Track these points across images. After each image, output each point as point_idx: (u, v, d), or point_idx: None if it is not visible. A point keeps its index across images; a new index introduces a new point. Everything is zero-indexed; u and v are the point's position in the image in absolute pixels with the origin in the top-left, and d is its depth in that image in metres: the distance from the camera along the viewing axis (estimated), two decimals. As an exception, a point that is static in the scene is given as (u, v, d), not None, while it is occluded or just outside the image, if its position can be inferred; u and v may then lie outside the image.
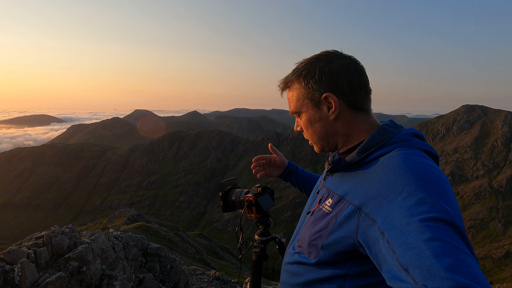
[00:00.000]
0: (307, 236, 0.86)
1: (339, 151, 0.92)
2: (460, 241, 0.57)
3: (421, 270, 0.53)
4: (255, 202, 1.12)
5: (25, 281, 3.27)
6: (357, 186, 0.79)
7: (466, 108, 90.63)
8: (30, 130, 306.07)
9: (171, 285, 6.17)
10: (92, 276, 3.91)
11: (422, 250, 0.55)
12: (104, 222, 23.25)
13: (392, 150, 0.79)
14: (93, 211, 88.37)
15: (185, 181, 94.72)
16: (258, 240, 1.15)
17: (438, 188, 0.65)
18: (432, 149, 0.83)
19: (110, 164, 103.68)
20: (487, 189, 66.64)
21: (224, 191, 1.23)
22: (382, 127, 0.86)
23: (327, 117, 0.88)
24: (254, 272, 1.14)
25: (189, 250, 17.76)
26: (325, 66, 0.86)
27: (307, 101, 0.89)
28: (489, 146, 76.58)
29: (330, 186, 0.90)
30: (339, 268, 0.78)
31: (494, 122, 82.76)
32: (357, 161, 0.83)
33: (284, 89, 0.96)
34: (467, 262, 0.53)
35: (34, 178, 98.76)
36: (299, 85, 0.90)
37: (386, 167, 0.74)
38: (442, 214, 0.60)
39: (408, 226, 0.60)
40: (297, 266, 0.89)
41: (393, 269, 0.60)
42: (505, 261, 47.82)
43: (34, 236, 4.05)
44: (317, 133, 0.90)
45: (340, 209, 0.79)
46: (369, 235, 0.68)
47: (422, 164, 0.71)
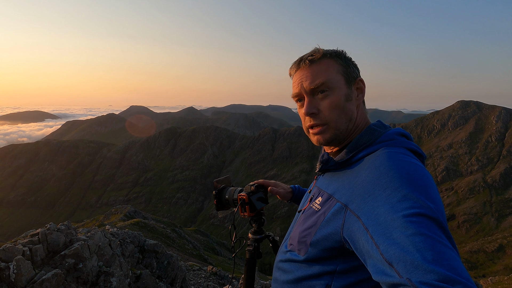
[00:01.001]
0: (297, 233, 0.89)
1: (332, 149, 0.95)
2: (442, 235, 0.59)
3: (405, 264, 0.56)
4: (248, 200, 1.11)
5: (21, 279, 3.25)
6: (345, 184, 0.81)
7: (461, 104, 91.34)
8: (24, 126, 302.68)
9: (168, 281, 6.18)
10: (89, 273, 3.90)
11: (405, 245, 0.57)
12: (101, 219, 23.17)
13: (379, 149, 0.82)
14: (89, 208, 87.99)
15: (182, 177, 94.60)
16: (252, 238, 1.15)
17: (421, 185, 0.67)
18: (418, 148, 0.85)
19: (106, 160, 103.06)
20: (481, 184, 67.53)
21: (217, 190, 1.23)
22: (369, 127, 0.89)
23: (355, 100, 0.91)
24: (247, 270, 1.14)
25: (186, 246, 17.81)
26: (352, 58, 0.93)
27: (343, 78, 0.88)
28: (483, 142, 77.44)
29: (320, 186, 0.93)
30: (327, 265, 0.80)
31: (488, 118, 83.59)
32: (345, 160, 0.86)
33: (314, 62, 0.89)
34: (449, 255, 0.55)
35: (28, 175, 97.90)
36: (336, 62, 0.89)
37: (372, 165, 0.77)
38: (424, 210, 0.62)
39: (393, 222, 0.62)
40: (288, 263, 0.91)
41: (378, 264, 0.61)
42: (498, 255, 48.67)
43: (29, 233, 4.02)
44: (345, 114, 0.88)
45: (328, 207, 0.81)
46: (354, 231, 0.70)
47: (406, 162, 0.74)
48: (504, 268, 43.05)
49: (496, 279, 20.85)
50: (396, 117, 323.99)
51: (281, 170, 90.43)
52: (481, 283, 19.38)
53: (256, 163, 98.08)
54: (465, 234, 60.80)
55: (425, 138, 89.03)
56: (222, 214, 1.25)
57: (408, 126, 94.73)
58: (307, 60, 0.90)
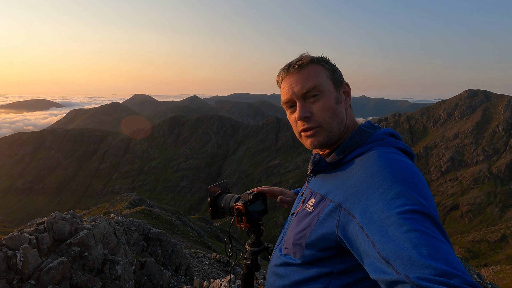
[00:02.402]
0: (291, 236, 0.88)
1: (324, 152, 0.95)
2: (436, 230, 0.61)
3: (402, 260, 0.57)
4: (245, 211, 1.02)
5: (28, 266, 3.31)
6: (337, 184, 0.82)
7: (469, 93, 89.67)
8: (29, 115, 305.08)
9: (173, 269, 6.29)
10: (94, 260, 3.97)
11: (401, 242, 0.58)
12: (107, 207, 23.55)
13: (369, 149, 0.84)
14: (96, 195, 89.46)
15: (186, 166, 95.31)
16: (249, 250, 1.07)
17: (412, 182, 0.69)
18: (407, 147, 0.88)
19: (111, 149, 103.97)
20: (486, 174, 67.05)
21: (213, 197, 1.13)
22: (359, 128, 0.92)
23: (343, 103, 0.93)
24: (244, 285, 1.06)
25: (191, 234, 18.08)
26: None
27: (331, 82, 0.91)
28: (490, 132, 76.36)
29: (313, 187, 0.93)
30: (324, 267, 0.80)
31: (496, 107, 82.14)
32: (336, 161, 0.87)
33: (303, 67, 0.91)
34: (444, 250, 0.57)
35: (35, 163, 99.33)
36: (323, 67, 0.91)
37: (364, 165, 0.78)
38: (418, 206, 0.63)
39: (387, 219, 0.63)
40: (283, 268, 0.89)
41: (375, 262, 0.62)
42: (500, 244, 48.80)
43: (35, 222, 4.07)
44: (337, 116, 0.89)
45: (322, 208, 0.81)
46: (349, 230, 0.71)
47: (397, 161, 0.76)
48: (506, 258, 43.23)
49: (497, 268, 20.96)
50: (401, 107, 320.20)
51: (284, 160, 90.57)
52: (482, 273, 19.52)
53: (260, 152, 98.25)
54: (468, 224, 60.88)
55: (430, 128, 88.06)
56: (218, 222, 1.16)
57: (414, 116, 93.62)
58: (296, 65, 0.91)
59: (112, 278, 4.03)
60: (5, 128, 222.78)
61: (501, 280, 17.95)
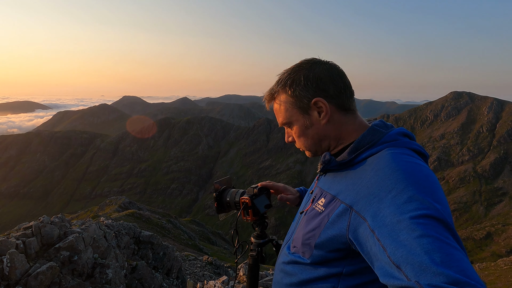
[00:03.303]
0: (300, 235, 0.87)
1: (330, 152, 0.94)
2: (450, 236, 0.59)
3: (413, 266, 0.55)
4: (251, 204, 1.08)
5: (15, 272, 3.23)
6: (348, 185, 0.80)
7: (454, 95, 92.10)
8: (13, 117, 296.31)
9: (165, 272, 6.23)
10: (84, 265, 3.90)
11: (413, 247, 0.56)
12: (95, 210, 23.08)
13: (382, 150, 0.81)
14: (83, 199, 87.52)
15: (177, 168, 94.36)
16: (255, 243, 1.12)
17: (426, 186, 0.67)
18: (421, 148, 0.85)
19: (99, 151, 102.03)
20: (471, 174, 68.89)
21: (218, 192, 1.18)
22: (371, 127, 0.88)
23: (318, 122, 0.89)
24: (250, 276, 1.11)
25: (182, 236, 17.91)
26: (309, 72, 0.89)
27: (296, 110, 0.90)
28: (474, 132, 78.56)
29: (323, 186, 0.92)
30: (333, 267, 0.79)
31: (480, 109, 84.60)
32: (347, 161, 0.85)
33: (270, 101, 0.97)
34: (457, 257, 0.55)
35: (20, 166, 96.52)
36: (285, 94, 0.91)
37: (376, 167, 0.76)
38: (431, 211, 0.61)
39: (399, 224, 0.61)
40: (291, 266, 0.89)
41: (385, 266, 0.60)
42: (486, 242, 50.17)
43: (22, 226, 3.98)
44: (310, 139, 0.92)
45: (332, 208, 0.80)
46: (360, 232, 0.69)
47: (410, 163, 0.73)
48: (491, 255, 44.47)
49: (483, 265, 21.54)
50: (390, 108, 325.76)
51: (275, 161, 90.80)
52: (469, 270, 19.95)
53: (251, 153, 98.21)
54: (454, 223, 61.73)
55: (418, 129, 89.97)
56: (223, 217, 1.22)
57: (402, 117, 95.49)
58: (266, 100, 0.98)
59: (103, 282, 3.97)
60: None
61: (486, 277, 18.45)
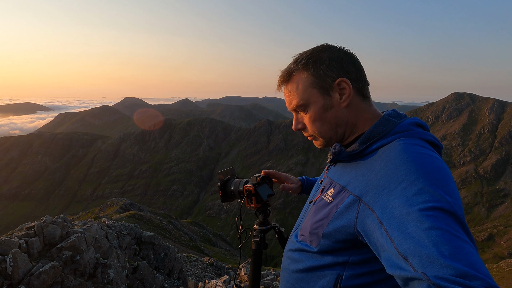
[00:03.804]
0: (308, 225, 0.87)
1: (343, 142, 0.92)
2: (459, 229, 0.58)
3: (420, 258, 0.54)
4: (254, 192, 1.13)
5: (18, 271, 3.25)
6: (358, 176, 0.79)
7: (455, 96, 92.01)
8: (15, 118, 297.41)
9: (166, 272, 6.24)
10: (86, 265, 3.92)
11: (421, 239, 0.56)
12: (96, 211, 23.12)
13: (393, 141, 0.79)
14: (85, 200, 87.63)
15: (178, 169, 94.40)
16: (258, 229, 1.17)
17: (438, 178, 0.66)
18: (435, 138, 0.82)
19: (101, 153, 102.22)
20: (473, 175, 68.71)
21: (222, 181, 1.24)
22: (384, 117, 0.86)
23: (338, 104, 0.86)
24: (254, 261, 1.16)
25: (183, 238, 17.91)
26: (332, 53, 0.87)
27: (316, 90, 0.87)
28: (476, 133, 78.40)
29: (332, 176, 0.91)
30: (340, 256, 0.79)
31: (481, 110, 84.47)
32: (358, 152, 0.84)
33: (285, 82, 0.91)
34: (467, 250, 0.54)
35: (22, 168, 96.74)
36: (307, 73, 0.87)
37: (387, 158, 0.75)
38: (441, 204, 0.60)
39: (408, 216, 0.60)
40: (298, 253, 0.90)
41: (392, 257, 0.60)
42: (488, 244, 49.96)
43: (25, 226, 4.01)
44: (328, 123, 0.88)
45: (341, 199, 0.79)
46: (368, 224, 0.69)
47: (422, 154, 0.71)
48: (493, 257, 44.27)
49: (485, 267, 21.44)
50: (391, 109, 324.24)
51: (276, 162, 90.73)
52: (471, 271, 19.88)
53: (252, 155, 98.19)
54: (456, 224, 62.12)
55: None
56: (227, 205, 1.28)
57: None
58: (279, 84, 0.93)
59: (105, 282, 3.99)
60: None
61: (488, 278, 18.35)
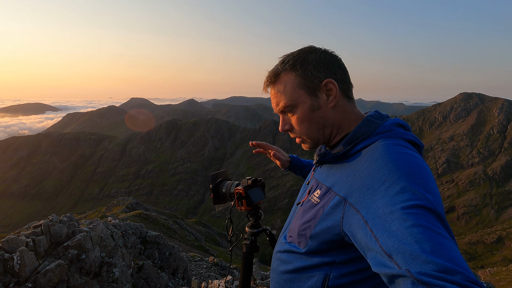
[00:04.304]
0: (297, 226, 0.89)
1: (329, 143, 0.93)
2: (440, 226, 0.60)
3: (404, 255, 0.56)
4: (245, 194, 1.12)
5: (25, 269, 3.29)
6: (343, 177, 0.81)
7: (464, 96, 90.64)
8: (24, 119, 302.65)
9: (170, 272, 6.26)
10: (92, 263, 3.95)
11: (404, 237, 0.58)
12: (103, 211, 23.37)
13: (376, 141, 0.81)
14: (92, 199, 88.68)
15: (183, 169, 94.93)
16: (249, 232, 1.16)
17: (419, 177, 0.68)
18: (416, 138, 0.85)
19: (107, 153, 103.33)
20: (482, 176, 67.56)
21: (214, 184, 1.23)
22: (366, 118, 0.88)
23: (325, 105, 0.88)
24: (244, 263, 1.14)
25: (188, 238, 17.99)
26: (319, 55, 0.88)
27: (304, 91, 0.87)
28: (485, 134, 77.12)
29: (319, 178, 0.93)
30: (327, 256, 0.81)
31: (491, 110, 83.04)
32: (343, 153, 0.86)
33: (272, 83, 0.91)
34: (447, 246, 0.56)
35: (30, 167, 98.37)
36: (294, 74, 0.88)
37: (370, 158, 0.77)
38: (423, 202, 0.63)
39: (391, 215, 0.62)
40: (287, 254, 0.92)
41: (377, 256, 0.62)
42: (497, 246, 49.09)
43: (32, 224, 4.05)
44: (315, 124, 0.89)
45: (327, 200, 0.81)
46: (353, 224, 0.70)
47: (403, 154, 0.74)
48: (502, 259, 43.48)
49: (494, 270, 21.09)
50: (397, 109, 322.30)
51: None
52: (479, 274, 19.59)
53: (257, 155, 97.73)
54: (464, 226, 61.18)
55: (426, 131, 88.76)
56: (219, 208, 1.27)
57: (410, 118, 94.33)
58: (265, 85, 0.93)
59: (110, 281, 4.02)
60: (0, 132, 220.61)
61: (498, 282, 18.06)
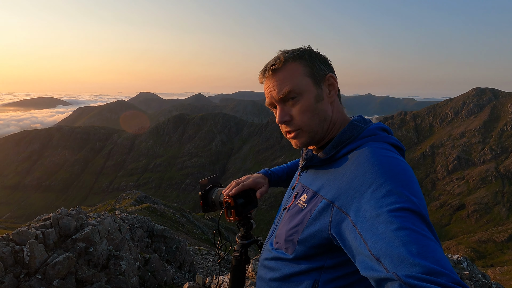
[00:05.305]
0: (283, 232, 0.87)
1: (319, 144, 0.93)
2: (425, 228, 0.61)
3: (391, 258, 0.57)
4: (234, 204, 1.02)
5: (35, 261, 3.36)
6: (330, 181, 0.81)
7: (477, 91, 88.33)
8: (36, 112, 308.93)
9: (177, 265, 6.34)
10: (99, 256, 4.01)
11: (391, 240, 0.59)
12: (112, 203, 23.78)
13: (361, 145, 0.82)
14: (102, 192, 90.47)
15: (191, 163, 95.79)
16: (239, 243, 1.07)
17: (403, 180, 0.69)
18: (398, 142, 0.88)
19: (117, 146, 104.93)
20: (494, 174, 66.12)
21: (204, 191, 1.13)
22: (351, 122, 0.89)
23: (328, 98, 0.89)
24: (233, 277, 1.05)
25: (195, 231, 18.19)
26: (319, 53, 0.91)
27: (311, 80, 0.87)
28: (498, 130, 75.21)
29: (304, 182, 0.91)
30: (315, 261, 0.80)
31: (505, 106, 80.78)
32: (329, 157, 0.86)
33: (279, 69, 0.88)
34: (432, 248, 0.57)
35: (43, 160, 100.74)
36: (303, 61, 0.87)
37: (356, 162, 0.77)
38: (408, 204, 0.64)
39: (378, 218, 0.63)
40: (275, 261, 0.89)
41: (366, 260, 0.62)
42: (508, 245, 48.14)
43: (42, 217, 4.13)
44: (317, 115, 0.87)
45: (314, 204, 0.80)
46: (342, 228, 0.71)
47: (388, 157, 0.76)
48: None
49: (504, 269, 20.72)
50: (407, 105, 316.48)
51: (289, 158, 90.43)
52: (489, 273, 19.30)
53: (264, 150, 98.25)
54: (474, 224, 60.17)
55: (437, 127, 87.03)
56: (209, 216, 1.14)
57: (420, 114, 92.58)
58: (270, 70, 0.89)
59: (117, 273, 4.08)
60: (13, 126, 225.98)
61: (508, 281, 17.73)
